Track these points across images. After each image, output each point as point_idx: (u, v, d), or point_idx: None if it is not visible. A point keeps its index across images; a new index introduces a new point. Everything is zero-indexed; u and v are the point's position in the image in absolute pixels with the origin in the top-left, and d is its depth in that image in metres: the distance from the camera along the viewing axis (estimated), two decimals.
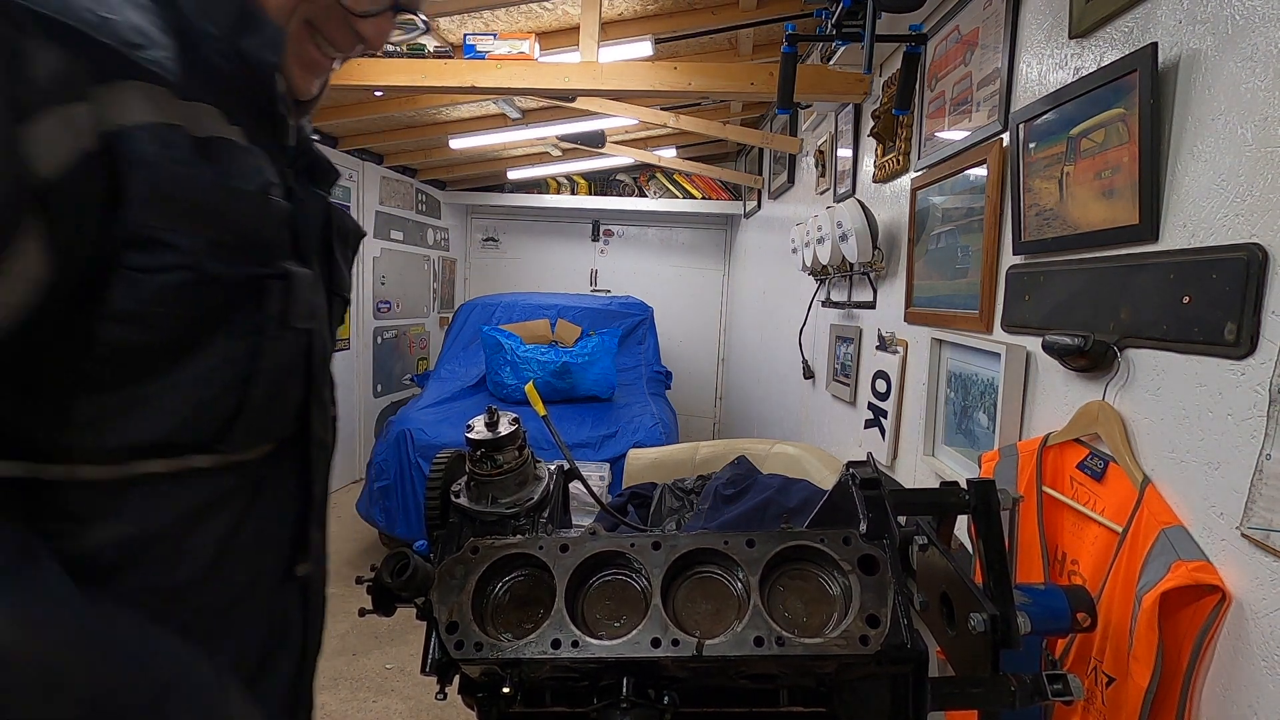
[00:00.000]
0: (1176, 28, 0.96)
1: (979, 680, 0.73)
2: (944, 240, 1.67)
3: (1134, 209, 1.01)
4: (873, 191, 2.21)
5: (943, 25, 1.72)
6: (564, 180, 5.38)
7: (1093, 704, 0.99)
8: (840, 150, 2.57)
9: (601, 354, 4.04)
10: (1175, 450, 0.95)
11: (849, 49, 1.95)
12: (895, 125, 2.00)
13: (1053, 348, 1.13)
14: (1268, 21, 0.83)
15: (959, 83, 1.63)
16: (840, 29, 1.48)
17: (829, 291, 2.63)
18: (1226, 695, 0.86)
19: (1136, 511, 0.97)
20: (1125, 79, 1.02)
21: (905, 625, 0.72)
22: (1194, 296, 0.90)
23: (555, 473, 1.02)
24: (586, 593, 0.79)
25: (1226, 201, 0.87)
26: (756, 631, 0.72)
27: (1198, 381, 0.91)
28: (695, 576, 0.79)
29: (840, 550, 0.76)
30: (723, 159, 5.20)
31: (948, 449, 1.64)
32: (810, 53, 2.76)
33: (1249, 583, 0.83)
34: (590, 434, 3.45)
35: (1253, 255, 0.82)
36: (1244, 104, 0.85)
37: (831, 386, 2.59)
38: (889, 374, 1.97)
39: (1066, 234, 1.17)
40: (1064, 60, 1.22)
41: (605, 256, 5.93)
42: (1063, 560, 1.12)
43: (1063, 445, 1.15)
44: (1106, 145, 1.07)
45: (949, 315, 1.62)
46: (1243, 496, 0.83)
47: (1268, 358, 0.80)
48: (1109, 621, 0.95)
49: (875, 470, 0.81)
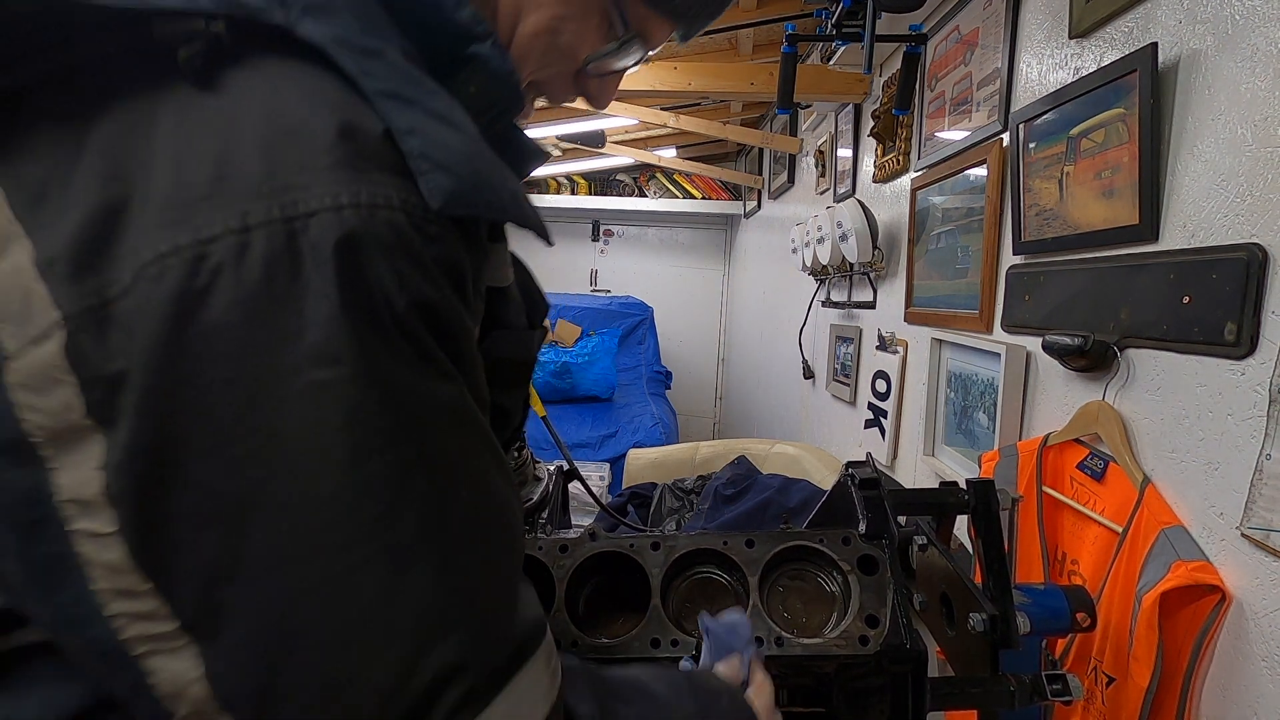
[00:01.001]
0: (1176, 28, 0.96)
1: (978, 680, 0.73)
2: (944, 240, 1.67)
3: (1134, 209, 1.01)
4: (873, 191, 2.21)
5: (943, 25, 1.72)
6: (564, 180, 5.37)
7: (1093, 704, 0.98)
8: (840, 150, 2.57)
9: (601, 354, 4.04)
10: (1175, 450, 0.95)
11: (849, 49, 1.95)
12: (895, 125, 2.00)
13: (1053, 348, 1.13)
14: (1268, 21, 0.83)
15: (959, 83, 1.63)
16: (840, 29, 1.48)
17: (829, 291, 2.63)
18: (1226, 695, 0.86)
19: (1136, 511, 0.97)
20: (1125, 79, 1.02)
21: (904, 625, 0.72)
22: (1194, 296, 0.90)
23: (555, 473, 1.02)
24: (585, 593, 0.79)
25: (1226, 201, 0.87)
26: (756, 631, 0.72)
27: (1198, 381, 0.91)
28: (695, 577, 0.79)
29: (839, 550, 0.76)
30: (723, 159, 5.20)
31: (948, 449, 1.64)
32: (810, 53, 2.76)
33: (1249, 583, 0.83)
34: (590, 434, 3.45)
35: (1253, 255, 0.82)
36: (1244, 104, 0.85)
37: (831, 386, 2.59)
38: (889, 374, 1.97)
39: (1066, 234, 1.17)
40: (1064, 60, 1.22)
41: (605, 256, 5.93)
42: (1063, 560, 1.12)
43: (1063, 445, 1.15)
44: (1106, 145, 1.07)
45: (949, 315, 1.62)
46: (1243, 496, 0.83)
47: (1268, 358, 0.80)
48: (1109, 621, 0.95)
49: (874, 470, 0.81)
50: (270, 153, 0.35)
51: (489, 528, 0.40)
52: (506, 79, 0.47)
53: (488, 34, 0.45)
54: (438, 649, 0.36)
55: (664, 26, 0.57)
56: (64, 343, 0.33)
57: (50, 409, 0.33)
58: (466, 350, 0.41)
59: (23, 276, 0.33)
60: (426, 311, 0.37)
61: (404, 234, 0.36)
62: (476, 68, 0.46)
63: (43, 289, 0.33)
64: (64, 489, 0.33)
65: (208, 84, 0.36)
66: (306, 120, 0.36)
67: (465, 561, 0.38)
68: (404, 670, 0.36)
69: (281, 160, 0.35)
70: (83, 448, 0.33)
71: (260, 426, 0.34)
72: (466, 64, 0.46)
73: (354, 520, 0.35)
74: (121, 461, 0.33)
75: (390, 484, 0.36)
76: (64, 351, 0.33)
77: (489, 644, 0.39)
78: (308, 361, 0.34)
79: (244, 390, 0.34)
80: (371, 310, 0.35)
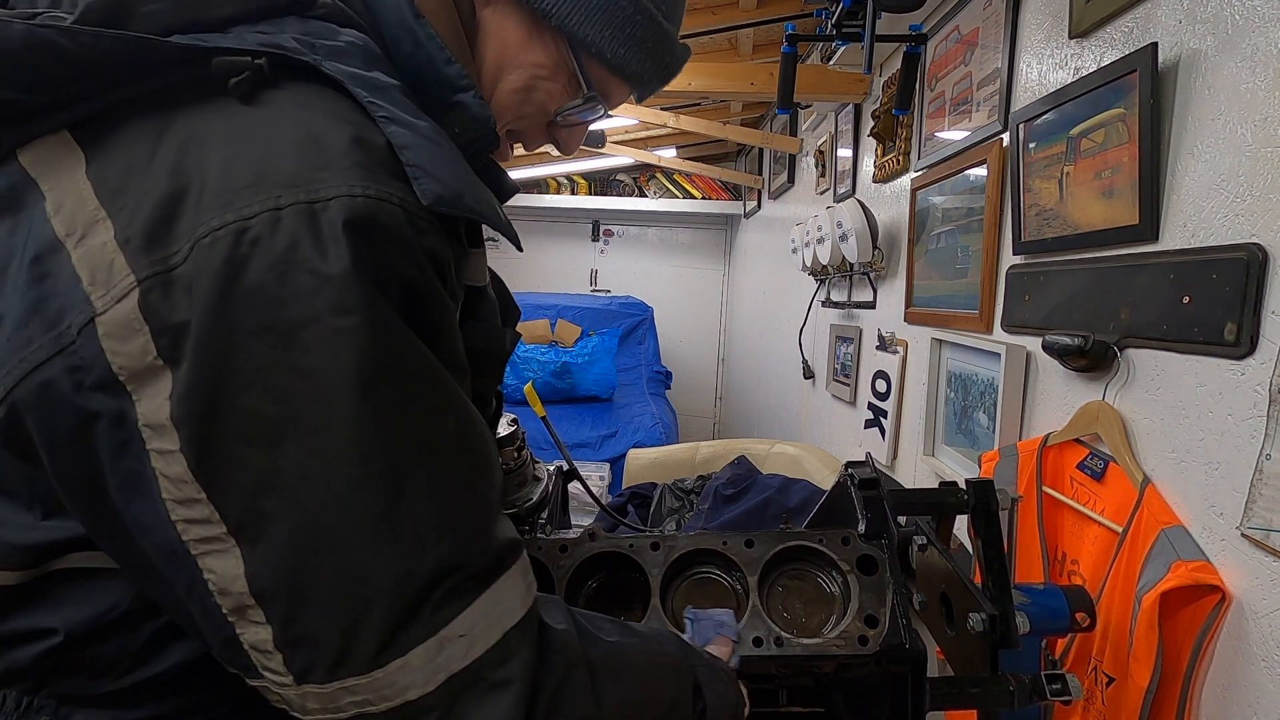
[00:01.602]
0: (1176, 28, 0.96)
1: (978, 680, 0.73)
2: (944, 240, 1.67)
3: (1134, 209, 1.01)
4: (873, 191, 2.21)
5: (943, 25, 1.72)
6: (564, 180, 5.37)
7: (1093, 704, 0.98)
8: (840, 150, 2.57)
9: (601, 354, 4.04)
10: (1175, 450, 0.95)
11: (849, 49, 1.95)
12: (895, 125, 2.00)
13: (1053, 348, 1.12)
14: (1268, 21, 0.83)
15: (959, 83, 1.63)
16: (840, 29, 1.48)
17: (829, 291, 2.63)
18: (1226, 695, 0.86)
19: (1136, 511, 0.97)
20: (1125, 79, 1.01)
21: (904, 625, 0.72)
22: (1194, 296, 0.90)
23: (554, 473, 1.02)
24: (586, 593, 0.79)
25: (1226, 201, 0.87)
26: (755, 632, 0.72)
27: (1198, 381, 0.91)
28: (694, 577, 0.79)
29: (839, 550, 0.76)
30: (723, 159, 5.20)
31: (948, 449, 1.64)
32: (810, 53, 2.76)
33: (1249, 583, 0.82)
34: (590, 434, 3.45)
35: (1253, 255, 0.82)
36: (1244, 104, 0.85)
37: (831, 386, 2.59)
38: (889, 374, 1.97)
39: (1066, 234, 1.17)
40: (1064, 60, 1.22)
41: (605, 256, 5.92)
42: (1062, 560, 1.12)
43: (1063, 445, 1.15)
44: (1106, 145, 1.07)
45: (949, 315, 1.62)
46: (1243, 496, 0.83)
47: (1268, 358, 0.80)
48: (1109, 621, 0.95)
49: (874, 470, 0.81)
50: (299, 154, 0.44)
51: (470, 454, 0.49)
52: (484, 122, 0.58)
53: (470, 86, 0.57)
54: (432, 549, 0.44)
55: (621, 88, 0.68)
56: (138, 300, 0.41)
57: (130, 353, 0.41)
58: (447, 325, 0.49)
59: (107, 250, 0.42)
60: (410, 288, 0.45)
61: (399, 224, 0.45)
62: (460, 111, 0.56)
63: (122, 259, 0.42)
64: (143, 415, 0.42)
65: (251, 101, 0.46)
66: (328, 131, 0.45)
67: (453, 477, 0.47)
68: (407, 566, 0.44)
69: (308, 160, 0.44)
70: (156, 383, 0.42)
71: (292, 364, 0.42)
72: (452, 108, 0.56)
73: (365, 439, 0.43)
74: (184, 393, 0.41)
75: (392, 409, 0.44)
76: (139, 307, 0.41)
77: (474, 549, 0.47)
78: (327, 312, 0.42)
79: (278, 335, 0.42)
80: (376, 275, 0.43)
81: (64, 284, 0.43)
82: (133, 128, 0.46)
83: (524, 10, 0.61)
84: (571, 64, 0.63)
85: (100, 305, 0.42)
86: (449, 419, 0.47)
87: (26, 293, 0.43)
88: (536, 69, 0.62)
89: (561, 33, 0.61)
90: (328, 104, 0.47)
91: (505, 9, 0.61)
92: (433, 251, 0.47)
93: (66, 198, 0.44)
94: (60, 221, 0.44)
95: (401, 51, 0.55)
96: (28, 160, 0.46)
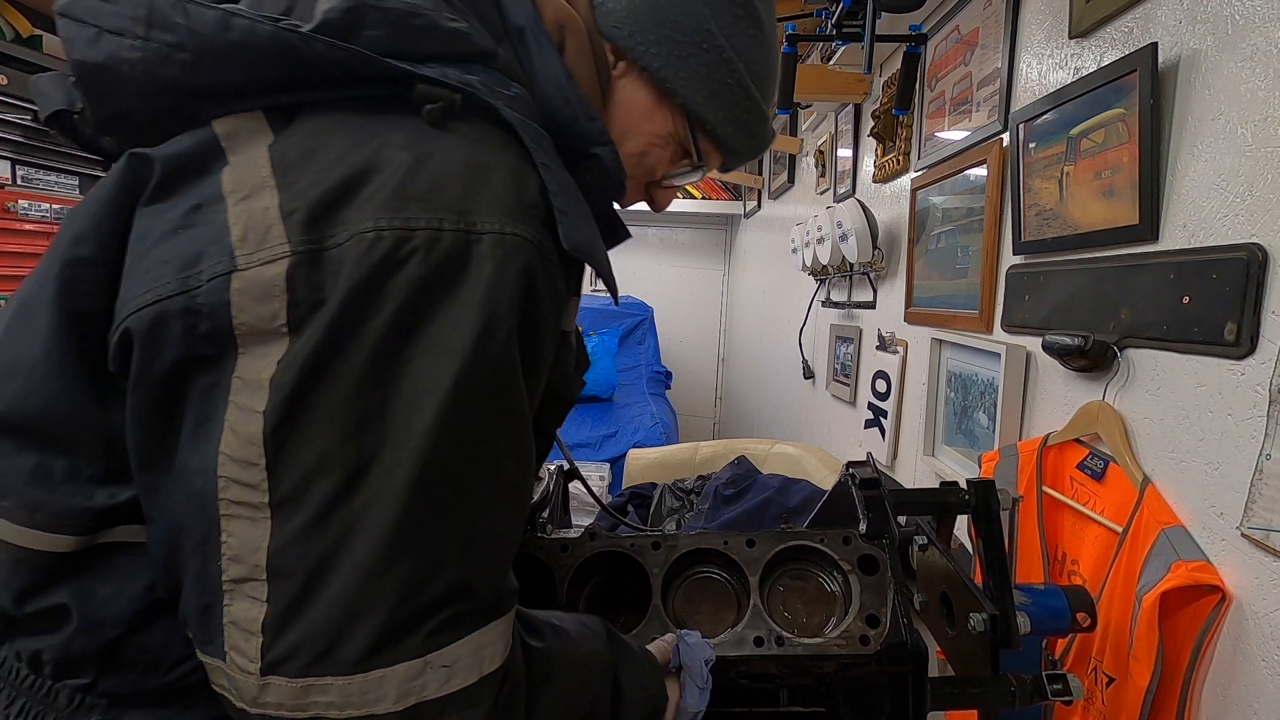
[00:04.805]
0: (1176, 28, 0.96)
1: (979, 680, 0.73)
2: (944, 240, 1.67)
3: (1134, 209, 1.01)
4: (873, 191, 2.21)
5: (943, 25, 1.72)
6: None
7: (1093, 704, 0.99)
8: (840, 150, 2.57)
9: (601, 354, 4.04)
10: (1175, 450, 0.95)
11: (849, 49, 1.95)
12: (895, 125, 2.00)
13: (1053, 348, 1.13)
14: (1268, 21, 0.83)
15: (959, 83, 1.63)
16: (840, 29, 1.48)
17: (829, 291, 2.63)
18: (1226, 695, 0.86)
19: (1136, 511, 0.97)
20: (1125, 79, 1.02)
21: (905, 625, 0.72)
22: (1194, 296, 0.90)
23: (555, 473, 1.02)
24: (586, 593, 0.79)
25: (1226, 201, 0.87)
26: (756, 631, 0.72)
27: (1198, 381, 0.91)
28: (695, 576, 0.79)
29: (840, 550, 0.76)
30: None
31: (948, 449, 1.64)
32: (810, 53, 2.76)
33: (1249, 583, 0.83)
34: (590, 434, 3.45)
35: (1253, 255, 0.82)
36: (1244, 104, 0.85)
37: (831, 386, 2.59)
38: (889, 374, 1.97)
39: (1066, 234, 1.17)
40: (1064, 60, 1.22)
41: None
42: (1063, 560, 1.12)
43: (1063, 445, 1.15)
44: (1106, 145, 1.07)
45: (949, 315, 1.62)
46: (1243, 496, 0.83)
47: (1268, 358, 0.80)
48: (1109, 621, 0.95)
49: (875, 470, 0.81)
50: (468, 183, 0.49)
51: (514, 497, 0.52)
52: (617, 174, 0.63)
53: (608, 141, 0.62)
54: (451, 569, 0.46)
55: (719, 158, 0.74)
56: (287, 268, 0.44)
57: (260, 314, 0.44)
58: (545, 363, 0.53)
59: (269, 215, 0.46)
60: (531, 325, 0.49)
61: (536, 265, 0.49)
62: (595, 163, 0.62)
63: (280, 227, 0.45)
64: (241, 369, 0.44)
65: (439, 126, 0.51)
66: (496, 169, 0.50)
67: (492, 513, 0.49)
68: (422, 574, 0.45)
69: (474, 190, 0.48)
70: (270, 346, 0.45)
71: (398, 365, 0.45)
72: (588, 159, 0.61)
73: (436, 451, 0.45)
74: (294, 359, 0.44)
75: (470, 434, 0.46)
76: (286, 275, 0.44)
77: (486, 583, 0.49)
78: (451, 329, 0.45)
79: (397, 336, 0.45)
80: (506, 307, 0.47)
81: (211, 231, 0.46)
82: (324, 120, 0.50)
83: (654, 86, 0.67)
84: (687, 137, 0.70)
85: (243, 262, 0.45)
86: (511, 460, 0.50)
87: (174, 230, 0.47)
88: (654, 138, 0.69)
89: (683, 110, 0.68)
90: (500, 141, 0.53)
91: (637, 82, 0.67)
92: (557, 292, 0.52)
93: (243, 164, 0.48)
94: (229, 178, 0.48)
95: (551, 105, 0.60)
96: (221, 130, 0.50)
